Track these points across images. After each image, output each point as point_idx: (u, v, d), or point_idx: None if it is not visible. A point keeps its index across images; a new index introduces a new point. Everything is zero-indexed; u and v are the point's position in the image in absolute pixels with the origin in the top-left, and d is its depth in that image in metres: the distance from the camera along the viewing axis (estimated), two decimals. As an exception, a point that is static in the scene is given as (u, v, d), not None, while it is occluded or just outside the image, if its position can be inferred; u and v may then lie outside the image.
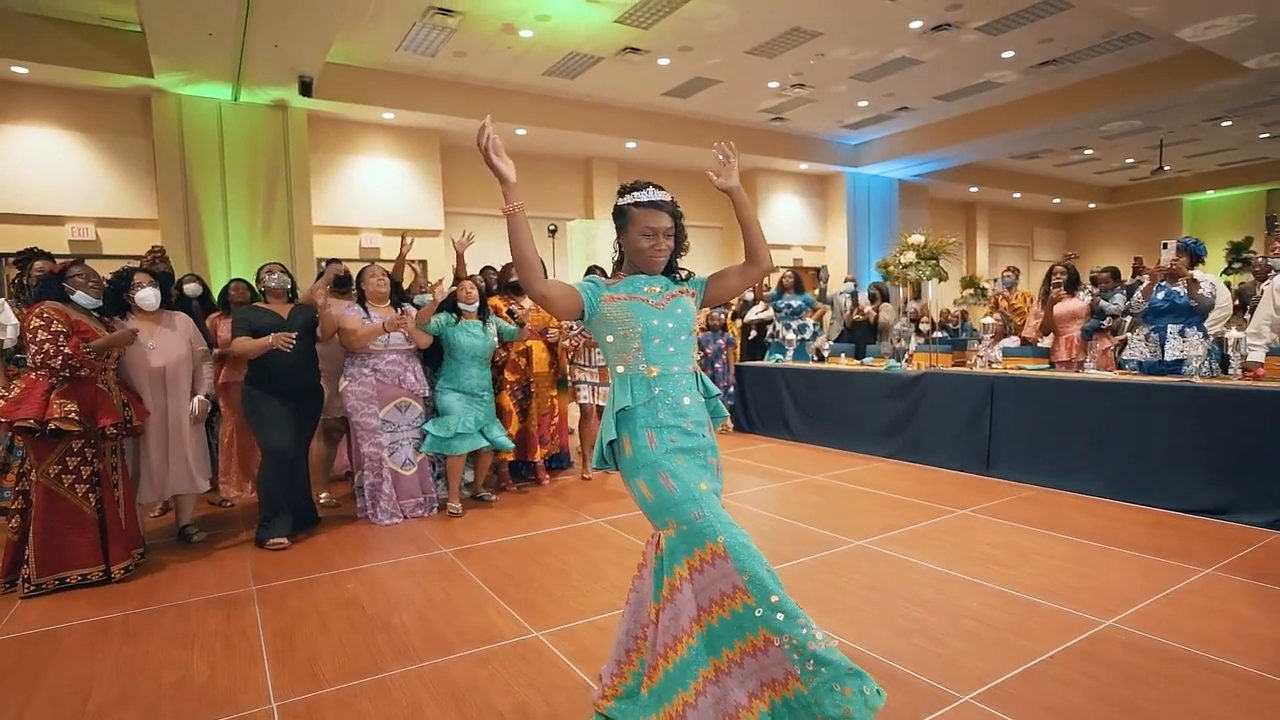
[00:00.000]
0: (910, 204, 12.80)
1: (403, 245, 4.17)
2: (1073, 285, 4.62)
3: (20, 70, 6.46)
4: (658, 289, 1.74)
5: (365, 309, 3.84)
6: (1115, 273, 4.76)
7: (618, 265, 1.83)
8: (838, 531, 3.38)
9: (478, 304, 4.00)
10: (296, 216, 7.53)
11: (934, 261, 4.68)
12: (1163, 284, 3.89)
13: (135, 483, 3.22)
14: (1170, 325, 3.79)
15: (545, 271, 1.67)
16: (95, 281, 3.02)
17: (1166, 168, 11.55)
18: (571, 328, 4.45)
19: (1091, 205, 15.77)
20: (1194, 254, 3.85)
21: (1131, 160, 12.85)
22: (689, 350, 1.77)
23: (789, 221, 11.77)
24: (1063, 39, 7.48)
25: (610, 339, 1.71)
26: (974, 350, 4.66)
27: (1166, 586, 2.59)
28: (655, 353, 1.68)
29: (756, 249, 1.79)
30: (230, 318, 4.22)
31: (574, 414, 4.95)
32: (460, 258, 4.26)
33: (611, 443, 1.69)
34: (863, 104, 9.60)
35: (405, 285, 4.36)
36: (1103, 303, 4.51)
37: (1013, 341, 4.98)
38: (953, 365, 4.86)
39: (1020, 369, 4.28)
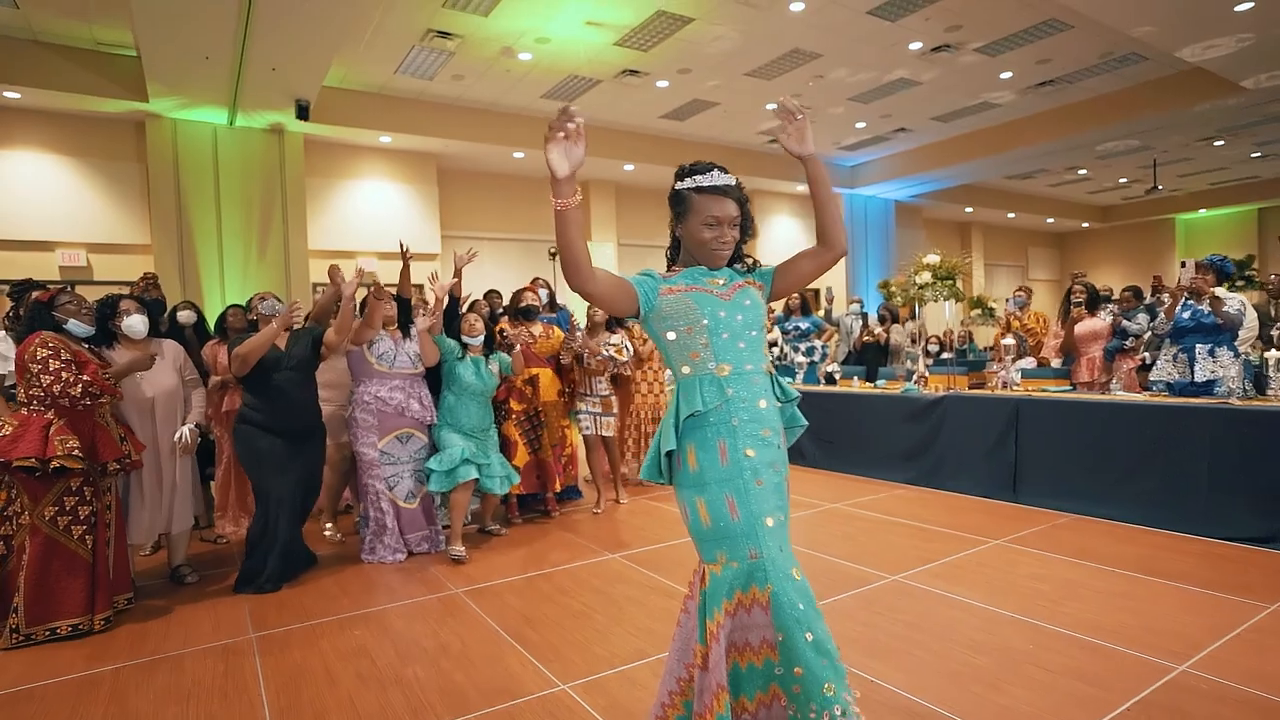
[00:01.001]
0: (906, 225, 12.83)
1: (404, 253, 3.80)
2: (1093, 304, 4.54)
3: (12, 95, 6.38)
4: (720, 280, 1.55)
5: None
6: (1138, 292, 4.69)
7: (672, 257, 1.62)
8: (871, 565, 3.21)
9: (483, 337, 3.78)
10: (292, 241, 7.40)
11: (951, 281, 4.58)
12: (1188, 302, 3.81)
13: (125, 521, 3.02)
14: (1199, 345, 3.70)
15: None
16: (87, 309, 2.87)
17: (1160, 187, 11.63)
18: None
19: (1085, 224, 15.90)
20: (1221, 271, 3.77)
21: (1125, 180, 12.96)
22: (761, 347, 1.58)
23: (786, 243, 11.75)
24: (1061, 60, 7.53)
25: (672, 336, 1.51)
26: (992, 372, 4.56)
27: (1233, 625, 2.44)
28: (725, 349, 1.49)
29: (831, 230, 1.57)
30: (228, 344, 4.07)
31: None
32: (459, 275, 4.01)
33: (669, 453, 1.50)
34: (860, 125, 9.64)
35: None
36: (1125, 322, 4.42)
37: (1028, 363, 4.89)
38: (970, 387, 4.76)
39: (1043, 391, 4.16)
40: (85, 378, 2.62)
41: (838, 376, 5.59)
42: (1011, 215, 14.38)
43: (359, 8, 5.31)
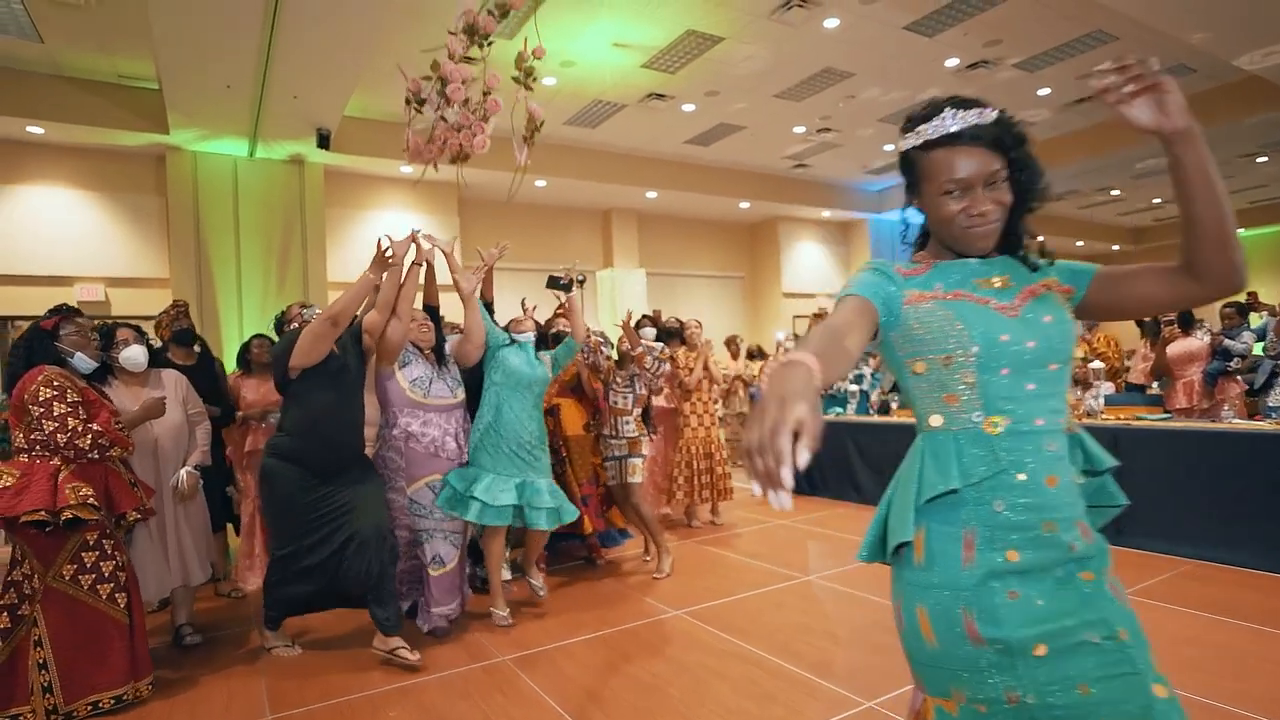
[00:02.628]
0: (933, 248, 12.51)
1: (417, 240, 3.09)
2: (1187, 323, 4.15)
3: (36, 130, 6.34)
4: (998, 280, 1.06)
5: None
6: (1241, 308, 4.29)
7: (919, 243, 1.17)
8: None
9: (534, 335, 3.29)
10: (311, 273, 7.21)
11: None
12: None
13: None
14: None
15: None
16: (95, 341, 2.57)
17: (1198, 205, 11.27)
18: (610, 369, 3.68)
19: (1115, 247, 15.52)
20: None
21: (1159, 200, 12.63)
22: (1063, 390, 1.06)
23: (812, 269, 11.48)
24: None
25: (920, 368, 1.05)
26: (1077, 400, 4.18)
27: None
28: (1003, 391, 1.00)
29: (1206, 251, 0.97)
30: (252, 377, 3.75)
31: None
32: (489, 275, 3.34)
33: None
34: (888, 148, 9.40)
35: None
36: (1227, 342, 4.02)
37: (1107, 388, 4.51)
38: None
39: (1140, 419, 3.76)
40: (95, 427, 2.29)
41: (894, 405, 5.20)
42: (1040, 239, 14.01)
43: (382, 33, 5.16)
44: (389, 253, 2.67)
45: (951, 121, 1.04)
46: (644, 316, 4.55)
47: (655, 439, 4.45)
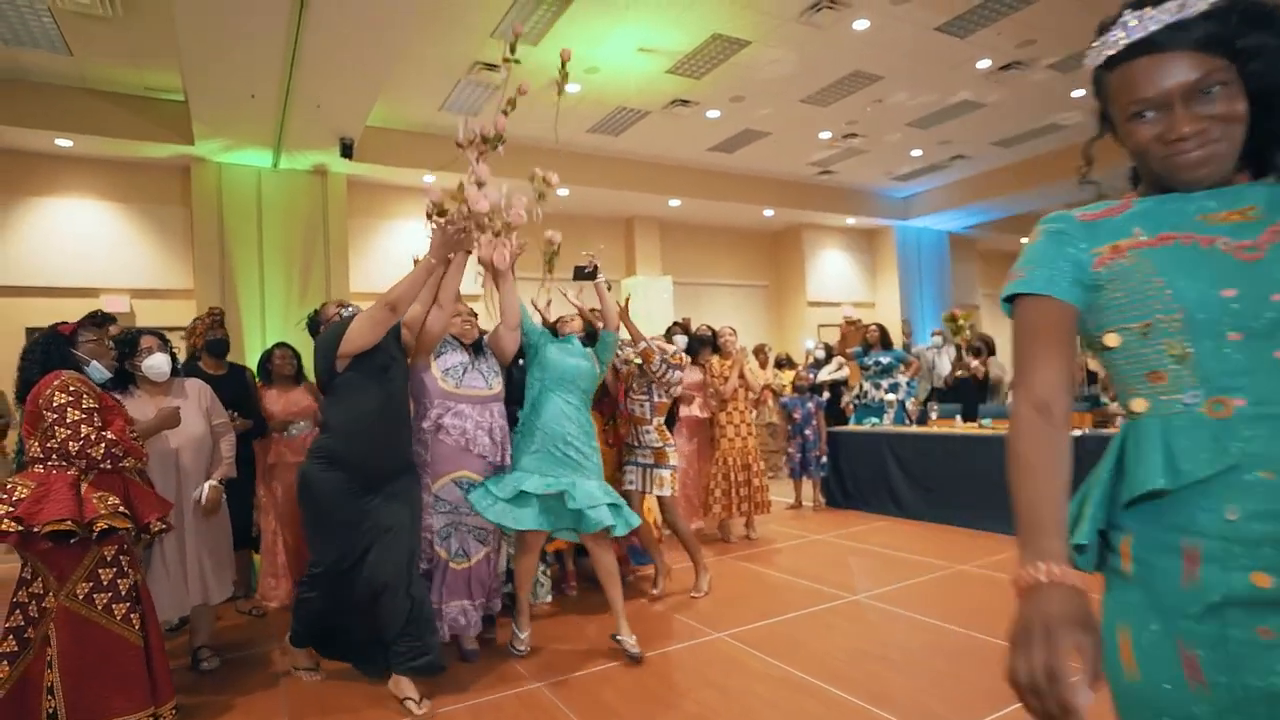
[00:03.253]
0: (959, 258, 12.28)
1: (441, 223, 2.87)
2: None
3: (64, 143, 6.41)
4: (1236, 214, 0.81)
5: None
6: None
7: (1133, 180, 0.97)
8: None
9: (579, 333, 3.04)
10: (334, 283, 7.18)
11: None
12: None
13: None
14: None
15: None
16: (113, 350, 2.47)
17: (1236, 209, 10.94)
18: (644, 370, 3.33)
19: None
20: None
21: (1193, 204, 12.30)
22: None
23: (837, 278, 11.28)
24: (1140, 74, 7.06)
25: (1113, 342, 0.85)
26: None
27: None
28: (1231, 363, 0.78)
29: None
30: (273, 387, 3.65)
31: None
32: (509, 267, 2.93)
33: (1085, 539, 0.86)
34: (916, 153, 9.23)
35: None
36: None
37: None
38: (1094, 426, 4.15)
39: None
40: (110, 435, 2.16)
41: (933, 415, 5.00)
42: None
43: (406, 39, 5.13)
44: (455, 231, 2.42)
45: (1131, 28, 0.82)
46: (674, 324, 4.41)
47: (686, 450, 4.27)
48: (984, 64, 6.73)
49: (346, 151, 6.62)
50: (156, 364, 2.60)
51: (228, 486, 2.81)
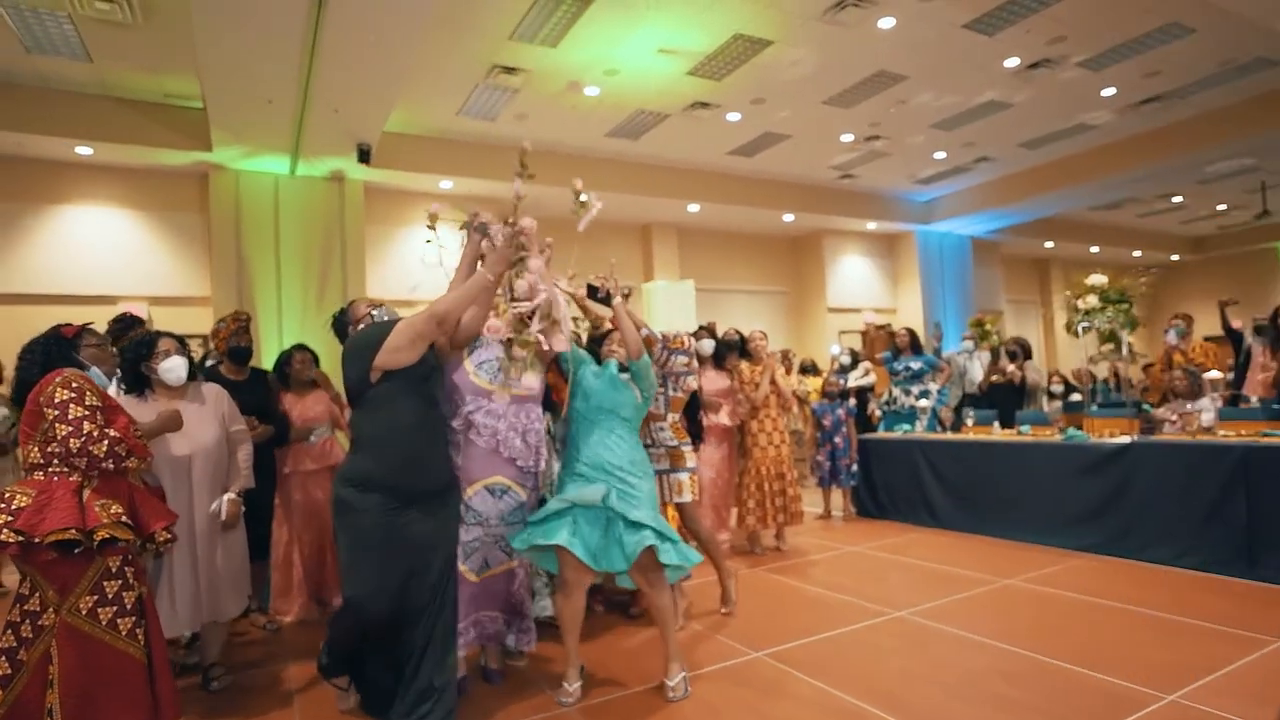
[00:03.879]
0: (982, 263, 12.05)
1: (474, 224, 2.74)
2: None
3: (85, 151, 6.42)
4: None
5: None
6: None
7: None
8: (1124, 676, 2.34)
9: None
10: (351, 290, 7.12)
11: (1127, 306, 3.85)
12: None
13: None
14: None
15: None
16: (115, 358, 2.35)
17: (1270, 211, 10.66)
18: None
19: (1174, 257, 14.81)
20: None
21: (1224, 206, 12.00)
22: None
23: (858, 283, 11.10)
24: (1172, 71, 6.86)
25: None
26: (1188, 413, 3.74)
27: None
28: None
29: None
30: (291, 391, 3.53)
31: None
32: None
33: None
34: (939, 155, 9.06)
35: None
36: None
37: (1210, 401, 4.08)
38: (1141, 433, 3.96)
39: (1266, 435, 3.34)
40: (113, 433, 2.03)
41: (969, 421, 4.80)
42: (1095, 249, 13.45)
43: (423, 42, 5.06)
44: (515, 236, 2.29)
45: None
46: (700, 328, 4.26)
47: (714, 458, 4.11)
48: (1012, 62, 6.56)
49: (364, 157, 6.57)
50: (173, 366, 2.49)
51: (245, 496, 2.69)
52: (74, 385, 2.04)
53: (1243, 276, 14.48)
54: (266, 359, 6.26)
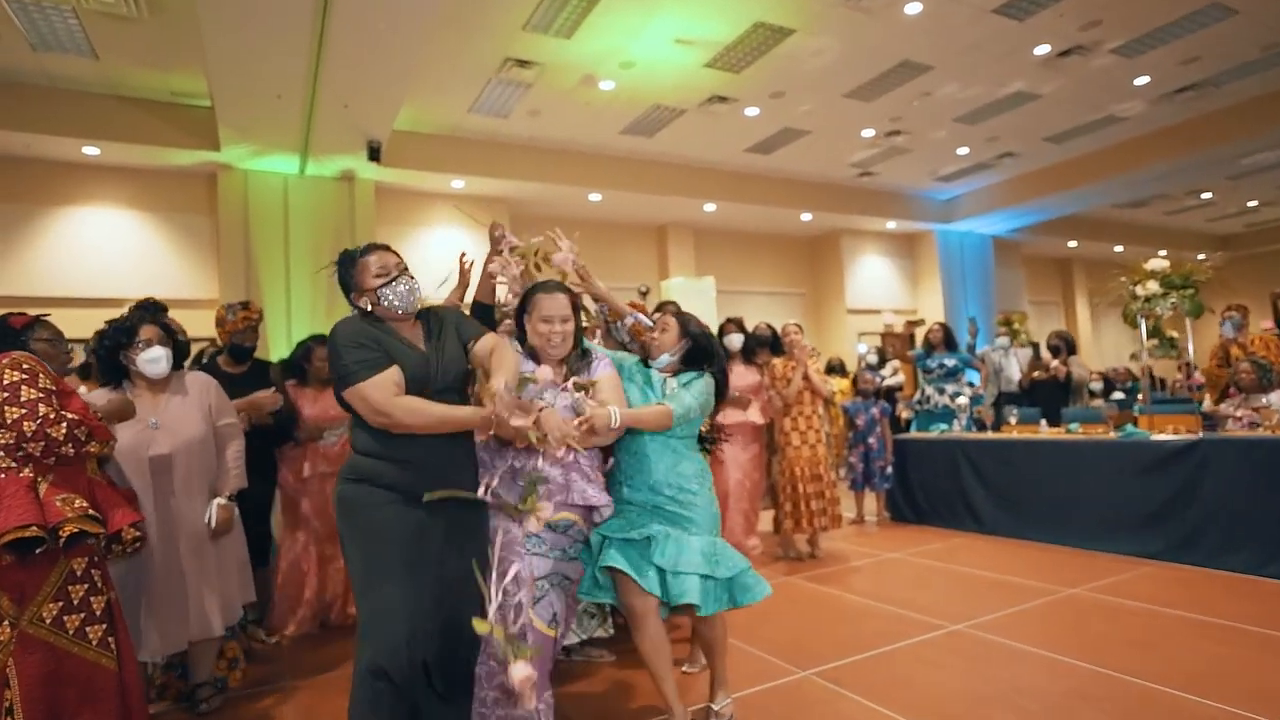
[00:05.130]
0: (1004, 263, 11.76)
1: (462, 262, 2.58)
2: None
3: (92, 151, 6.31)
4: None
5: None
6: None
7: None
8: (1239, 703, 2.05)
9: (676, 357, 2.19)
10: (362, 292, 6.96)
11: (1192, 292, 3.59)
12: None
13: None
14: None
15: None
16: (65, 356, 2.11)
17: (1305, 205, 10.33)
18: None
19: (1201, 256, 14.43)
20: None
21: (1254, 203, 11.66)
22: None
23: (877, 284, 10.85)
24: (1211, 57, 6.60)
25: None
26: (1265, 408, 3.47)
27: None
28: None
29: None
30: (309, 388, 3.31)
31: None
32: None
33: None
34: (962, 151, 8.81)
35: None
36: None
37: (1276, 396, 3.79)
38: (1204, 430, 3.69)
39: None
40: (71, 415, 1.81)
41: (1012, 419, 4.53)
42: (1119, 249, 13.12)
43: (434, 34, 4.90)
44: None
45: None
46: (727, 321, 4.03)
47: (742, 459, 3.87)
48: (1042, 50, 6.32)
49: (374, 154, 6.41)
50: (154, 358, 2.25)
51: (241, 497, 2.46)
52: (25, 367, 1.83)
53: (1276, 274, 14.09)
54: (276, 355, 6.10)
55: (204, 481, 2.30)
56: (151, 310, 2.79)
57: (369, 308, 1.91)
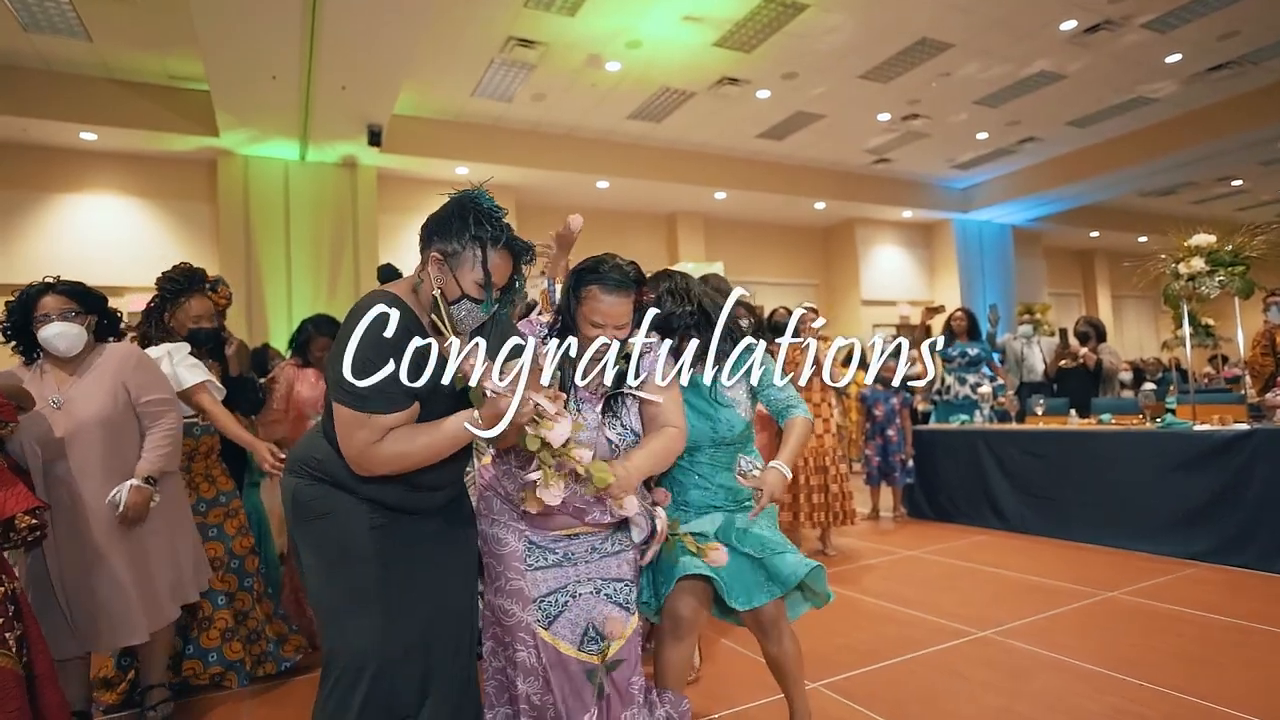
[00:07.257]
0: (1024, 253, 11.43)
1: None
2: None
3: (89, 136, 6.22)
4: None
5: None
6: None
7: None
8: None
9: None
10: (363, 280, 6.82)
11: (1242, 269, 3.33)
12: None
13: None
14: None
15: None
16: None
17: (1343, 192, 9.90)
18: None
19: (1229, 248, 13.98)
20: None
21: (1288, 189, 11.22)
22: None
23: (892, 275, 10.57)
24: (1251, 32, 6.27)
25: None
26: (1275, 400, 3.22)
27: None
28: None
29: None
30: (312, 369, 3.04)
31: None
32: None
33: None
34: (982, 136, 8.51)
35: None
36: None
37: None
38: (1250, 420, 3.43)
39: None
40: None
41: (1038, 409, 4.29)
42: (1143, 239, 12.72)
43: (433, 10, 4.69)
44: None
45: None
46: (737, 303, 3.80)
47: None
48: (1068, 25, 6.03)
49: (375, 139, 6.25)
50: (54, 333, 2.00)
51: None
52: None
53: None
54: (277, 343, 5.96)
55: (113, 465, 2.03)
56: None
57: (436, 297, 1.40)
